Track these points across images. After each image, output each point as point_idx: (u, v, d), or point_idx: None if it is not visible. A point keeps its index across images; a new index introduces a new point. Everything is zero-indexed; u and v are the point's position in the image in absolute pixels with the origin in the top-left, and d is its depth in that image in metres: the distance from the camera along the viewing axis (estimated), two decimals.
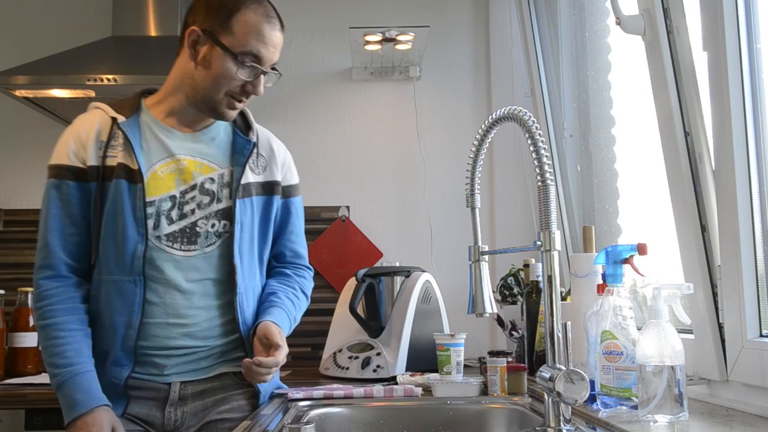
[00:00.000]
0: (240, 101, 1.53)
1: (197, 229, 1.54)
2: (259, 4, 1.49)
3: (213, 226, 1.55)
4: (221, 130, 1.63)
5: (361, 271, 2.27)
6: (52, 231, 1.49)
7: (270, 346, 1.48)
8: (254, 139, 1.63)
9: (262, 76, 1.51)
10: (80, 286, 1.52)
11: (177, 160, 1.55)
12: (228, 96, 1.51)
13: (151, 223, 1.50)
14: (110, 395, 1.47)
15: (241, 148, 1.60)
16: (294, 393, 1.66)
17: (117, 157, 1.50)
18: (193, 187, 1.55)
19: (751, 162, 1.37)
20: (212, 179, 1.57)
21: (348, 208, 2.81)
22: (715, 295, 1.47)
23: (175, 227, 1.52)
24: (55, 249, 1.49)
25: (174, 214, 1.52)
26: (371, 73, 2.86)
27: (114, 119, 1.52)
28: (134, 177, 1.49)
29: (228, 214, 1.56)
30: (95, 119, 1.53)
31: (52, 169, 1.51)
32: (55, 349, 1.44)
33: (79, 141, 1.51)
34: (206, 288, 1.55)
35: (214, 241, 1.56)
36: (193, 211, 1.54)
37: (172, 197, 1.53)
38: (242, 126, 1.65)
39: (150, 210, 1.50)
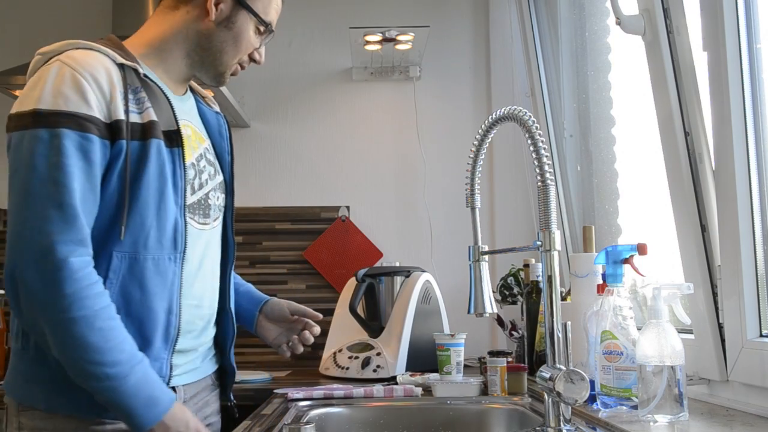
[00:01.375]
0: (243, 68, 1.45)
1: (209, 201, 1.39)
2: None
3: (218, 199, 1.43)
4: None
5: (361, 271, 2.27)
6: (74, 194, 1.16)
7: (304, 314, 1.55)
8: (221, 113, 1.52)
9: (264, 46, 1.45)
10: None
11: (185, 125, 1.36)
12: (238, 62, 1.42)
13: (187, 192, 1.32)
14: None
15: (215, 122, 1.48)
16: (294, 393, 1.66)
17: (144, 112, 1.26)
18: (201, 156, 1.39)
19: (751, 162, 1.37)
20: (207, 149, 1.43)
21: (348, 208, 2.81)
22: (715, 295, 1.47)
23: (194, 198, 1.35)
24: (82, 219, 1.17)
25: (195, 183, 1.35)
26: (371, 73, 2.86)
27: (122, 66, 1.26)
28: (171, 138, 1.29)
29: (226, 189, 1.46)
30: (105, 63, 1.24)
31: (67, 117, 1.17)
32: (108, 343, 1.15)
33: (99, 87, 1.21)
34: (214, 269, 1.42)
35: (218, 216, 1.43)
36: (206, 182, 1.39)
37: (193, 165, 1.35)
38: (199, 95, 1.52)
39: (188, 176, 1.32)
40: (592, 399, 1.36)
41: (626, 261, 1.34)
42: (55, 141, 1.16)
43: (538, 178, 1.21)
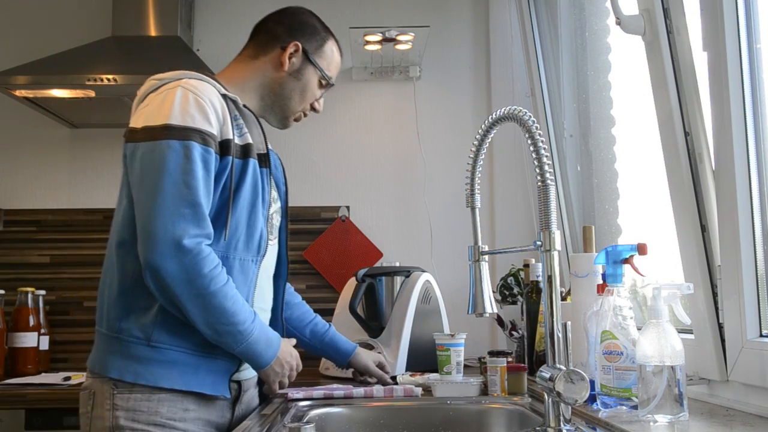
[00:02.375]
0: (305, 116, 1.70)
1: (273, 221, 1.61)
2: (335, 38, 1.72)
3: (278, 221, 1.65)
4: None
5: (361, 271, 2.27)
6: (201, 196, 1.37)
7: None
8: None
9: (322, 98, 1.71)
10: None
11: None
12: (302, 110, 1.67)
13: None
14: (217, 386, 1.44)
15: (273, 156, 1.65)
16: (294, 393, 1.66)
17: (243, 136, 1.49)
18: None
19: (751, 162, 1.37)
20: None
21: (348, 208, 2.81)
22: (715, 295, 1.47)
23: (267, 214, 1.57)
24: (207, 216, 1.38)
25: (268, 200, 1.58)
26: (371, 73, 2.86)
27: (225, 96, 1.48)
28: (262, 160, 1.52)
29: (282, 213, 1.67)
30: (216, 92, 1.46)
31: (194, 132, 1.38)
32: (237, 306, 1.40)
33: (216, 111, 1.43)
34: (270, 280, 1.63)
35: (277, 236, 1.64)
36: (273, 202, 1.61)
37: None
38: None
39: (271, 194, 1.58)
40: (592, 399, 1.36)
41: (626, 261, 1.34)
42: (185, 151, 1.37)
43: (538, 178, 1.21)
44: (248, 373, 1.57)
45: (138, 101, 1.50)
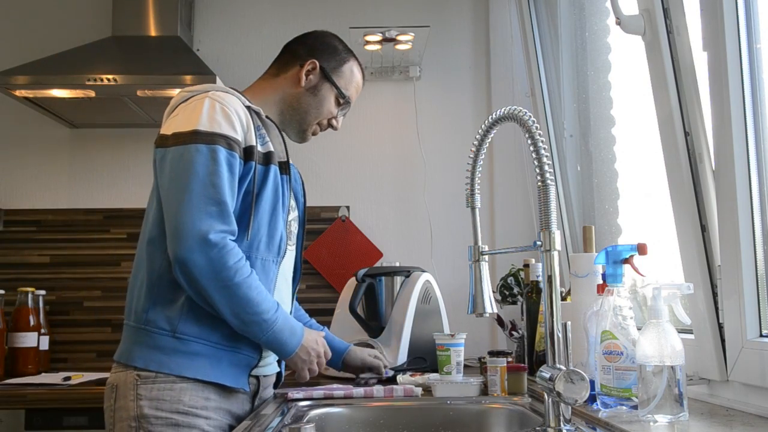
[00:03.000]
0: (321, 130, 1.77)
1: (291, 228, 1.67)
2: (359, 61, 1.79)
3: (295, 228, 1.72)
4: None
5: (361, 271, 2.27)
6: (227, 195, 1.44)
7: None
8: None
9: (342, 117, 1.79)
10: None
11: None
12: (317, 124, 1.74)
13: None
14: (238, 378, 1.50)
15: (292, 168, 1.70)
16: (294, 393, 1.66)
17: (265, 144, 1.56)
18: None
19: (751, 162, 1.37)
20: None
21: (348, 208, 2.81)
22: (715, 295, 1.46)
23: (286, 219, 1.63)
24: (231, 213, 1.46)
25: (287, 206, 1.64)
26: (371, 73, 2.86)
27: (249, 108, 1.56)
28: (283, 167, 1.59)
29: (299, 221, 1.74)
30: (241, 103, 1.55)
31: (220, 137, 1.46)
32: (261, 296, 1.47)
33: (240, 120, 1.51)
34: (287, 284, 1.69)
35: (294, 243, 1.71)
36: (292, 210, 1.68)
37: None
38: None
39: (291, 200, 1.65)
40: (592, 399, 1.36)
41: (626, 261, 1.34)
42: (212, 154, 1.45)
43: (538, 178, 1.21)
44: (268, 370, 1.63)
45: (169, 111, 1.59)
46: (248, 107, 1.56)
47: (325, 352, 1.64)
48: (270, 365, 1.64)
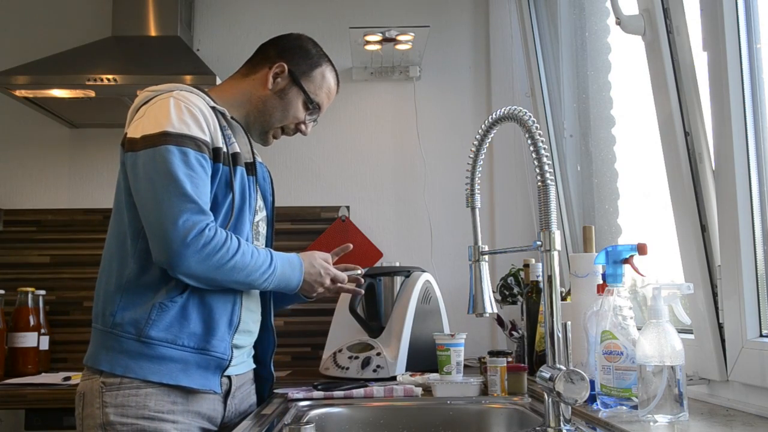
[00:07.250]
0: (287, 135, 1.74)
1: (258, 228, 1.68)
2: (334, 67, 1.75)
3: (264, 229, 1.72)
4: None
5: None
6: (201, 192, 1.44)
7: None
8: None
9: (312, 123, 1.75)
10: None
11: None
12: (281, 128, 1.71)
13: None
14: (207, 381, 1.47)
15: (260, 168, 1.71)
16: (294, 393, 1.66)
17: (231, 145, 1.55)
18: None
19: (751, 162, 1.37)
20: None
21: (348, 208, 2.81)
22: (715, 295, 1.46)
23: (252, 220, 1.63)
24: (201, 200, 1.43)
25: (254, 207, 1.64)
26: (371, 73, 2.86)
27: (214, 108, 1.55)
28: (249, 169, 1.60)
29: (267, 222, 1.73)
30: (204, 103, 1.54)
31: (189, 139, 1.46)
32: (260, 257, 1.50)
33: (207, 120, 1.50)
34: None
35: (262, 244, 1.71)
36: (259, 210, 1.67)
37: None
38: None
39: (257, 201, 1.65)
40: (592, 399, 1.36)
41: (626, 261, 1.34)
42: (183, 156, 1.44)
43: (538, 178, 1.21)
44: (241, 369, 1.60)
45: (133, 112, 1.56)
46: (213, 108, 1.55)
47: (326, 260, 1.67)
48: (243, 363, 1.61)
